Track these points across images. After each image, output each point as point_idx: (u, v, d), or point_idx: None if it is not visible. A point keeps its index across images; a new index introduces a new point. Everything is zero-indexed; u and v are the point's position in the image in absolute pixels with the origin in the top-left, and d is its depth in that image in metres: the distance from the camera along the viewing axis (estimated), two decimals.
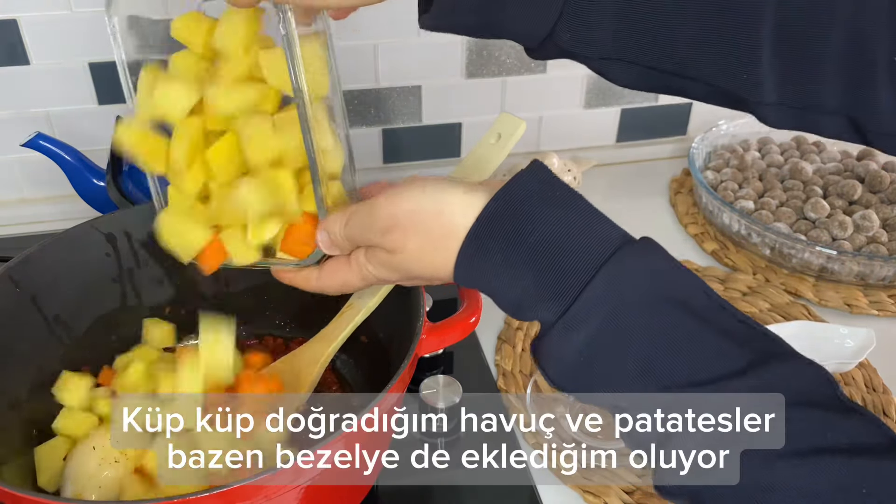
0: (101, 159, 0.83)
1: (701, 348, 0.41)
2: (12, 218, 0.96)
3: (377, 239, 0.46)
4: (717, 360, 0.41)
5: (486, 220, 0.43)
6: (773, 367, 0.40)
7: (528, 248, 0.42)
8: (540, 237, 0.42)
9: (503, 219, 0.43)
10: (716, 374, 0.40)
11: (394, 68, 0.98)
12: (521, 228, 0.43)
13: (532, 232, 0.42)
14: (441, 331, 0.57)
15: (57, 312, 0.64)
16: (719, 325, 0.41)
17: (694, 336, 0.41)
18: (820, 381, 0.41)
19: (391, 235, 0.46)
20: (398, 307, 0.60)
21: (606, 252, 0.42)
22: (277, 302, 0.72)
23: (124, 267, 0.67)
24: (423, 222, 0.45)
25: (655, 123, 1.14)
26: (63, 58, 0.89)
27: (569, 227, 0.42)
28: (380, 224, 0.46)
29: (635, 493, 0.63)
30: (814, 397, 0.40)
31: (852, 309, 0.85)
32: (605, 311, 0.41)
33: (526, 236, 0.42)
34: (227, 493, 0.44)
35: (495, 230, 0.43)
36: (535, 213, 0.43)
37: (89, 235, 0.65)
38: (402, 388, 0.54)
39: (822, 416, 0.39)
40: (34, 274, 0.61)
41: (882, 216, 0.93)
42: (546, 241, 0.42)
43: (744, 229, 0.92)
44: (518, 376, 0.74)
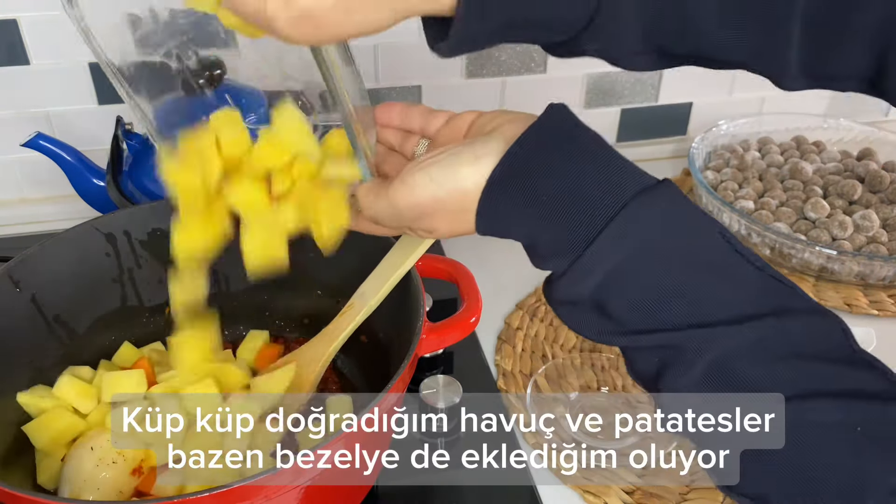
0: (101, 159, 0.83)
1: (710, 296, 0.41)
2: (12, 218, 0.96)
3: (411, 224, 0.48)
4: (724, 308, 0.41)
5: (494, 185, 0.43)
6: (784, 317, 0.41)
7: (536, 211, 0.43)
8: (549, 195, 0.42)
9: (509, 183, 0.43)
10: (720, 318, 0.40)
11: (394, 68, 0.98)
12: (528, 187, 0.43)
13: (539, 192, 0.42)
14: (441, 331, 0.58)
15: (57, 312, 0.64)
16: (734, 274, 0.42)
17: (705, 285, 0.41)
18: (833, 333, 0.41)
19: (421, 222, 0.47)
20: (398, 307, 0.60)
21: (617, 205, 0.41)
22: (278, 302, 0.72)
23: (124, 267, 0.67)
24: (444, 207, 0.45)
25: (655, 123, 1.14)
26: (63, 58, 0.89)
27: (579, 180, 0.42)
28: (407, 215, 0.47)
29: (635, 493, 0.63)
30: (824, 349, 0.41)
31: (852, 309, 0.85)
32: (610, 266, 0.41)
33: (532, 197, 0.42)
34: (227, 493, 0.44)
35: (501, 195, 0.43)
36: (543, 170, 0.42)
37: (89, 235, 0.65)
38: (402, 388, 0.54)
39: (830, 368, 0.40)
40: (34, 274, 0.61)
41: (882, 216, 0.93)
42: (554, 198, 0.42)
43: (744, 229, 0.92)
44: (518, 376, 0.74)
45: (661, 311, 0.41)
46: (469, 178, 0.44)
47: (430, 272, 0.63)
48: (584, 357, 0.76)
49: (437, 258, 0.64)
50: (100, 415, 0.60)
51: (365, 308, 0.59)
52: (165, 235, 0.67)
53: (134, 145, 0.82)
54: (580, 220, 0.41)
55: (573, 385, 0.73)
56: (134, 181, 0.80)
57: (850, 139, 1.10)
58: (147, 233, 0.67)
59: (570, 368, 0.74)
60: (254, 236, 0.52)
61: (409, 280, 0.59)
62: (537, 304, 0.83)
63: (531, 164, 0.43)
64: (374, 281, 0.60)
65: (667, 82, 1.10)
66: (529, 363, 0.76)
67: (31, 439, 0.58)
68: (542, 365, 0.74)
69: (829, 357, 0.41)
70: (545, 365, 0.74)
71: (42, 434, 0.58)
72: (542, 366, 0.74)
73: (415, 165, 0.46)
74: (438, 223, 0.46)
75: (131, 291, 0.69)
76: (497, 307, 0.83)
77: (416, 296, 0.58)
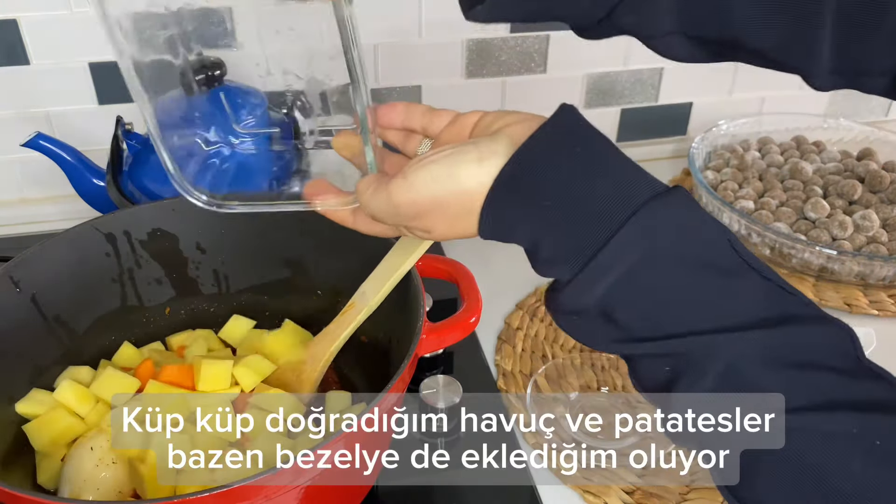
0: (101, 159, 0.83)
1: (719, 303, 0.40)
2: (12, 218, 0.96)
3: (408, 223, 0.47)
4: (732, 315, 0.40)
5: (500, 187, 0.42)
6: (793, 324, 0.40)
7: (542, 215, 0.42)
8: (557, 199, 0.41)
9: (516, 185, 0.42)
10: (728, 325, 0.40)
11: (394, 68, 0.98)
12: (536, 190, 0.41)
13: (547, 196, 0.41)
14: (441, 331, 0.57)
15: (57, 312, 0.64)
16: (743, 282, 0.41)
17: (714, 293, 0.41)
18: (841, 344, 0.41)
19: (418, 221, 0.46)
20: (399, 307, 0.60)
21: (628, 210, 0.40)
22: (278, 302, 0.72)
23: (124, 267, 0.67)
24: (443, 206, 0.44)
25: (655, 123, 1.14)
26: (63, 58, 0.89)
27: (589, 185, 0.41)
28: (404, 212, 0.45)
29: (635, 493, 0.63)
30: (833, 358, 0.40)
31: (852, 309, 0.86)
32: (620, 272, 0.40)
33: (540, 201, 0.41)
34: (227, 493, 0.44)
35: (506, 199, 0.42)
36: (552, 173, 0.41)
37: (89, 235, 0.65)
38: (402, 388, 0.54)
39: (836, 378, 0.40)
40: (34, 274, 0.61)
41: (882, 216, 0.93)
42: (562, 203, 0.41)
43: (744, 229, 0.92)
44: (518, 376, 0.74)
45: (671, 318, 0.41)
46: (473, 178, 0.43)
47: (431, 272, 0.63)
48: (584, 357, 0.76)
49: (437, 258, 0.64)
50: (98, 415, 0.60)
51: (366, 308, 0.59)
52: (165, 235, 0.68)
53: (134, 145, 0.82)
54: (590, 225, 0.40)
55: (573, 385, 0.73)
56: (134, 181, 0.80)
57: (850, 139, 1.10)
58: (147, 233, 0.67)
59: (570, 368, 0.74)
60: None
61: (410, 280, 0.59)
62: (537, 304, 0.83)
63: (539, 166, 0.42)
64: (374, 281, 0.60)
65: (667, 82, 1.10)
66: (529, 363, 0.76)
67: (30, 440, 0.58)
68: (542, 365, 0.74)
69: (839, 366, 0.40)
70: (545, 365, 0.74)
71: (42, 435, 0.58)
72: (542, 366, 0.74)
73: (416, 162, 0.45)
74: (436, 223, 0.45)
75: (131, 291, 0.69)
76: (497, 307, 0.83)
77: (417, 296, 0.58)
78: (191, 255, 0.69)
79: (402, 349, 0.55)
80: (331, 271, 0.67)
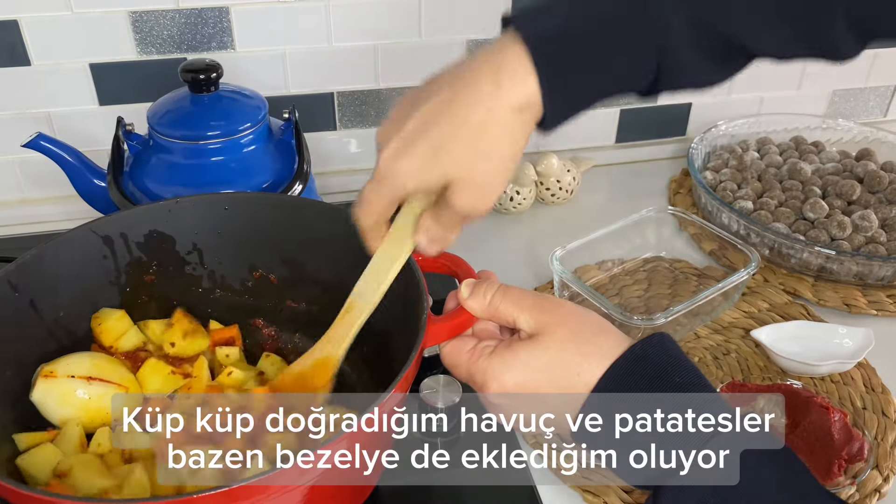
0: (102, 159, 0.83)
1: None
2: (13, 218, 0.96)
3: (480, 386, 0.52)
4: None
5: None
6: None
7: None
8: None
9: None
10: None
11: (394, 68, 0.98)
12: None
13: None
14: (443, 324, 0.56)
15: (56, 315, 0.63)
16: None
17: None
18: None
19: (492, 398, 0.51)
20: (400, 303, 0.59)
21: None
22: (278, 302, 0.72)
23: (122, 268, 0.67)
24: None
25: (655, 124, 1.14)
26: (63, 58, 0.89)
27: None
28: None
29: (635, 493, 0.63)
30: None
31: (851, 309, 0.86)
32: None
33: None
34: (227, 493, 0.44)
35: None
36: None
37: (86, 238, 0.65)
38: (405, 388, 0.54)
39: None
40: (32, 278, 0.61)
41: (881, 216, 0.93)
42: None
43: (743, 229, 0.92)
44: None
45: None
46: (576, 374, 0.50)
47: (430, 267, 0.63)
48: None
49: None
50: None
51: (367, 308, 0.58)
52: (162, 237, 0.68)
53: (135, 146, 0.82)
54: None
55: None
56: (135, 181, 0.80)
57: (848, 139, 1.10)
58: (144, 235, 0.67)
59: None
60: None
61: (412, 276, 0.58)
62: None
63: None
64: (370, 276, 0.58)
65: None
66: None
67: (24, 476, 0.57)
68: None
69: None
70: None
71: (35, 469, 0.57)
72: None
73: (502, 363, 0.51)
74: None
75: (130, 292, 0.69)
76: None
77: (418, 295, 0.57)
78: (187, 256, 0.69)
79: (405, 344, 0.54)
80: (331, 271, 0.67)
